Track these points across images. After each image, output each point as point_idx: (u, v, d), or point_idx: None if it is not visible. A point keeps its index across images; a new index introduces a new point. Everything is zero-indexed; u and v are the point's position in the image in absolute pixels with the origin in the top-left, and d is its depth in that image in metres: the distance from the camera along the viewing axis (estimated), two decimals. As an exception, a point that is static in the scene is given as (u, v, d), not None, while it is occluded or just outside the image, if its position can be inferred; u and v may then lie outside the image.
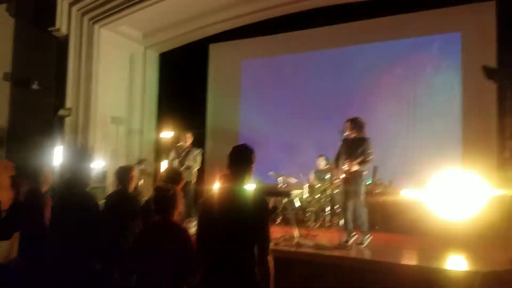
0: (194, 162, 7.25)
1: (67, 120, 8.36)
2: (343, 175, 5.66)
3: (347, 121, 5.77)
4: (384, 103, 8.21)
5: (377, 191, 7.55)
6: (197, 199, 7.29)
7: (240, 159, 2.74)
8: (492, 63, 6.67)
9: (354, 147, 5.64)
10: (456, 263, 4.97)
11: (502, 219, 5.22)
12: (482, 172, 5.82)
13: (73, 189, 3.51)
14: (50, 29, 8.56)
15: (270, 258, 2.63)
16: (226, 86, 10.19)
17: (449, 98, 7.76)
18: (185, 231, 3.03)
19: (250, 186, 2.98)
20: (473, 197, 5.68)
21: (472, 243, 5.58)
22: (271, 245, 2.73)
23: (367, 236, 5.62)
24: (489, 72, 4.88)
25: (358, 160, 5.54)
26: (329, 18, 8.60)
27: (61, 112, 7.81)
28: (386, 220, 7.08)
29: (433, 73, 7.85)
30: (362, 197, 5.64)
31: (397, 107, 8.19)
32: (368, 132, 5.78)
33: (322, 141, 8.24)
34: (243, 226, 2.59)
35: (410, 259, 5.36)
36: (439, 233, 5.93)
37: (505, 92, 4.84)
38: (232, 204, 2.64)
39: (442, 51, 7.91)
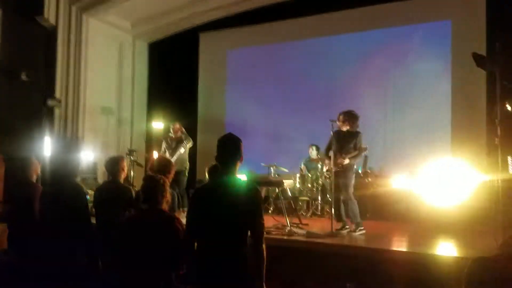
0: (184, 148, 7.22)
1: (57, 111, 8.29)
2: (335, 168, 5.68)
3: (341, 113, 5.77)
4: (374, 91, 8.23)
5: (368, 179, 7.61)
6: (188, 189, 7.30)
7: (229, 148, 2.71)
8: (482, 50, 6.70)
9: (346, 141, 5.69)
10: (446, 249, 5.04)
11: (491, 205, 5.28)
12: (471, 158, 5.88)
13: (61, 179, 3.47)
14: (38, 19, 8.43)
15: (263, 248, 2.62)
16: (216, 76, 10.14)
17: (438, 85, 7.80)
18: (173, 219, 3.03)
19: (241, 177, 2.98)
20: (462, 184, 5.74)
21: (462, 229, 5.65)
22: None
23: (361, 228, 5.66)
24: (478, 60, 4.88)
25: (351, 154, 5.60)
26: (317, 7, 8.59)
27: (50, 102, 7.72)
28: (377, 208, 7.14)
29: (423, 61, 7.85)
30: (351, 189, 5.68)
31: (386, 95, 8.21)
32: (361, 118, 5.81)
33: (310, 130, 8.29)
34: (236, 215, 2.58)
35: (401, 246, 5.42)
36: (429, 220, 6.00)
37: (494, 79, 4.85)
38: (224, 193, 2.62)
39: (433, 39, 7.93)
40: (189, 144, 7.34)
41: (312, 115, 8.49)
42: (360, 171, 7.40)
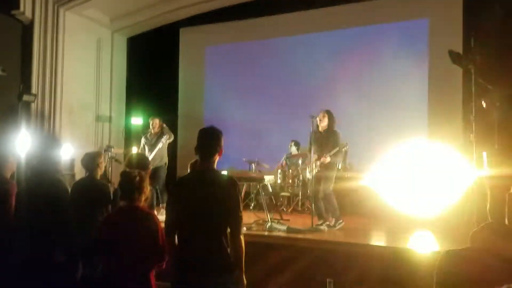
0: (162, 142, 7.16)
1: (33, 106, 8.12)
2: (317, 169, 5.75)
3: (322, 111, 5.84)
4: (352, 88, 8.29)
5: (348, 175, 7.68)
6: (168, 185, 7.25)
7: (209, 141, 2.72)
8: (459, 48, 6.82)
9: (326, 140, 5.77)
10: (420, 243, 5.16)
11: (465, 200, 5.40)
12: (448, 155, 5.99)
13: (41, 176, 3.38)
14: (13, 12, 8.23)
15: (242, 238, 2.64)
16: (196, 72, 10.08)
17: (415, 83, 7.90)
18: (151, 216, 3.01)
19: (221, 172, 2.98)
20: (437, 181, 5.85)
21: (437, 225, 5.77)
22: (243, 230, 2.74)
23: (340, 221, 5.75)
24: (454, 57, 4.98)
25: (332, 152, 5.67)
26: (295, 5, 8.61)
27: (26, 97, 7.55)
28: (356, 203, 7.22)
29: (400, 59, 7.94)
30: (331, 186, 5.77)
31: (364, 92, 8.29)
32: (339, 115, 5.89)
33: (289, 126, 8.34)
34: (214, 207, 2.59)
35: (378, 240, 5.52)
36: (405, 216, 6.10)
37: (470, 76, 4.95)
38: (203, 186, 2.63)
39: (410, 37, 8.03)
40: (170, 139, 7.27)
41: (291, 112, 8.54)
42: (339, 167, 7.47)
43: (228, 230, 2.64)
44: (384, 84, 8.11)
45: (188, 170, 3.88)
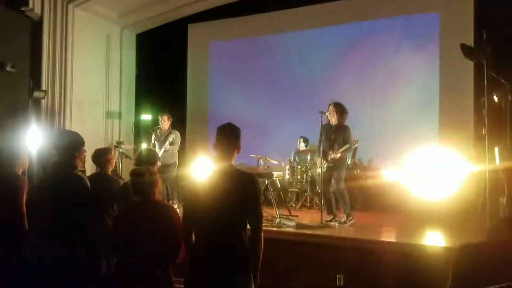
0: (173, 144, 7.18)
1: (43, 102, 8.17)
2: (327, 164, 5.72)
3: (331, 104, 5.79)
4: (362, 83, 8.26)
5: (357, 171, 7.65)
6: (178, 181, 7.26)
7: (229, 138, 2.70)
8: (470, 42, 6.74)
9: (336, 134, 5.72)
10: (434, 239, 5.10)
11: (478, 195, 5.34)
12: (459, 149, 5.94)
13: (61, 171, 3.30)
14: (23, 9, 8.27)
15: (262, 235, 2.61)
16: (204, 67, 10.08)
17: (426, 77, 7.83)
18: (170, 208, 2.99)
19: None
20: (449, 175, 5.80)
21: (450, 220, 5.70)
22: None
23: (350, 218, 5.71)
24: (466, 51, 4.91)
25: (343, 148, 5.64)
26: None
27: (36, 94, 7.60)
28: (366, 199, 7.20)
29: (410, 52, 7.88)
30: (343, 182, 5.73)
31: (374, 86, 8.23)
32: (349, 110, 5.85)
33: (297, 121, 8.32)
34: (234, 205, 2.56)
35: (389, 237, 5.47)
36: (418, 211, 6.05)
37: (482, 70, 4.88)
38: (223, 183, 2.59)
39: (421, 30, 7.94)
40: (174, 147, 7.21)
41: (298, 107, 8.52)
42: (349, 163, 7.44)
43: (248, 227, 2.62)
44: (394, 78, 8.03)
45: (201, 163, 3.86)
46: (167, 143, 7.04)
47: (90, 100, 8.88)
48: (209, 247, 2.58)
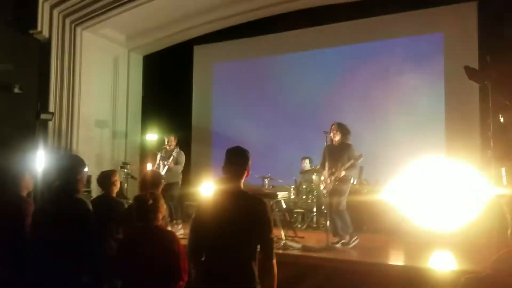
0: (178, 164, 7.17)
1: (50, 124, 8.24)
2: (332, 184, 5.69)
3: (334, 124, 5.80)
4: (367, 104, 8.27)
5: (364, 191, 7.59)
6: (182, 201, 7.24)
7: (238, 161, 2.66)
8: (474, 63, 6.77)
9: (340, 153, 5.71)
10: (440, 263, 5.01)
11: (485, 218, 5.27)
12: (466, 171, 5.88)
13: (63, 195, 3.31)
14: (31, 31, 8.43)
15: (274, 262, 2.55)
16: (209, 88, 10.17)
17: (432, 98, 7.83)
18: (171, 234, 2.98)
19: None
20: (457, 200, 5.71)
21: (456, 243, 5.62)
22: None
23: (354, 239, 5.64)
24: (470, 73, 4.92)
25: (346, 165, 5.61)
26: (316, 19, 8.64)
27: (44, 116, 7.67)
28: (372, 221, 7.11)
29: (416, 73, 7.90)
30: (345, 201, 5.68)
31: (379, 107, 8.24)
32: (353, 131, 5.85)
33: (301, 141, 8.33)
34: (244, 230, 2.49)
35: (396, 260, 5.39)
36: (424, 233, 5.97)
37: (487, 92, 4.88)
38: (232, 207, 2.53)
39: (425, 51, 7.98)
40: (178, 166, 7.21)
41: (302, 127, 8.55)
42: (355, 182, 7.39)
43: (258, 254, 2.54)
44: (400, 99, 8.05)
45: (212, 185, 3.83)
46: (171, 159, 7.02)
47: (97, 121, 8.96)
48: (217, 275, 2.50)
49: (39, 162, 6.71)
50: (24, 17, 8.41)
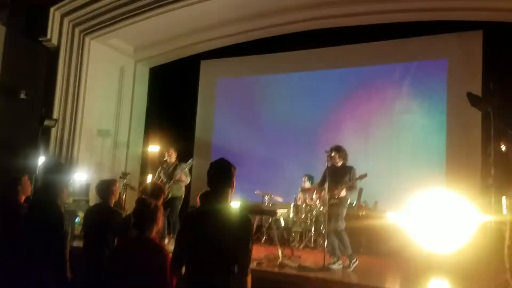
0: (186, 176, 7.15)
1: (53, 131, 8.28)
2: (331, 200, 5.67)
3: (333, 149, 5.80)
4: (366, 126, 8.30)
5: (362, 213, 7.55)
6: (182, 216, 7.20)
7: (220, 175, 2.66)
8: (478, 90, 6.80)
9: (341, 175, 5.71)
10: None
11: (484, 246, 5.22)
12: (466, 197, 5.84)
13: (42, 200, 3.37)
14: (41, 39, 8.54)
15: (248, 279, 2.55)
16: (213, 103, 10.23)
17: (434, 123, 7.85)
18: (161, 248, 2.96)
19: (234, 204, 2.91)
20: (456, 225, 5.66)
21: (455, 270, 5.56)
22: (253, 265, 2.66)
23: (354, 260, 5.58)
24: (473, 100, 4.94)
25: (346, 185, 5.61)
26: (321, 41, 8.72)
27: (47, 122, 7.71)
28: (370, 243, 7.06)
29: (419, 98, 7.95)
30: (343, 222, 5.65)
31: (381, 130, 8.26)
32: (353, 154, 5.86)
33: (301, 159, 8.33)
34: (225, 243, 2.51)
35: (394, 283, 5.33)
36: (422, 258, 5.91)
37: (489, 119, 4.89)
38: (214, 220, 2.56)
39: (429, 77, 8.03)
40: (185, 179, 7.20)
41: (303, 145, 8.58)
42: (354, 204, 7.35)
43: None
44: (402, 123, 8.08)
45: (198, 201, 3.85)
46: (181, 174, 6.97)
47: (100, 130, 9.00)
48: (198, 285, 2.52)
49: (39, 167, 6.70)
50: (35, 24, 8.53)
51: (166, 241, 6.36)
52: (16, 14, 8.77)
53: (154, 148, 9.19)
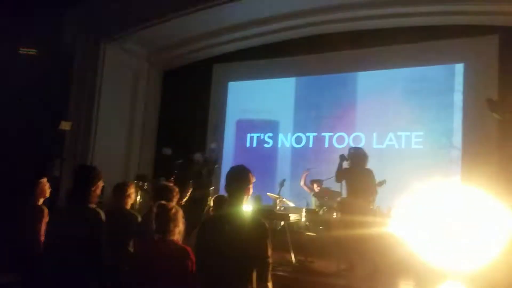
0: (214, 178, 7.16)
1: (68, 134, 8.36)
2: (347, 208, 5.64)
3: (351, 149, 5.78)
4: (383, 128, 8.26)
5: (376, 218, 7.46)
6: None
7: (238, 180, 2.69)
8: (494, 93, 6.74)
9: (360, 180, 5.63)
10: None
11: (504, 255, 5.10)
12: (482, 205, 5.75)
13: (76, 204, 3.34)
14: (56, 42, 8.64)
15: (270, 285, 2.54)
16: (225, 107, 10.24)
17: (449, 126, 7.78)
18: (186, 250, 2.96)
19: (247, 207, 2.92)
20: (473, 233, 5.55)
21: (471, 279, 5.46)
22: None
23: (368, 268, 5.53)
24: (492, 106, 4.89)
25: (373, 196, 5.56)
26: (335, 45, 8.71)
27: (63, 125, 7.79)
28: (384, 249, 6.97)
29: (435, 102, 7.88)
30: (358, 228, 5.60)
31: (396, 136, 8.20)
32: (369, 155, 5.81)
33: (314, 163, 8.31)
34: (241, 250, 2.51)
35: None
36: (436, 267, 5.83)
37: (506, 124, 4.84)
38: (230, 227, 2.57)
39: (445, 80, 7.97)
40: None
41: (316, 149, 8.55)
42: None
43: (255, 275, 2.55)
44: (418, 127, 8.02)
45: (211, 204, 3.84)
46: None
47: (114, 133, 9.07)
48: None
49: (56, 170, 6.78)
50: (51, 27, 8.63)
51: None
52: (33, 18, 8.87)
53: (167, 151, 9.23)
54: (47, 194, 4.11)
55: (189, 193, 5.82)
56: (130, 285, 2.98)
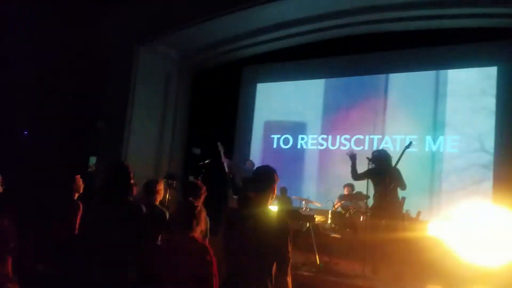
0: None
1: (103, 133, 8.66)
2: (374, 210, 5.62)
3: (375, 152, 5.76)
4: (414, 135, 8.14)
5: (404, 223, 7.37)
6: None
7: (263, 180, 2.78)
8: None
9: (386, 178, 5.60)
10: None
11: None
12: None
13: (116, 198, 3.42)
14: (92, 44, 8.95)
15: (288, 279, 2.60)
16: (253, 108, 10.35)
17: (482, 130, 7.62)
18: (206, 248, 3.03)
19: (273, 207, 2.98)
20: (503, 239, 5.44)
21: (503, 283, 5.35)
22: (292, 269, 2.70)
23: (391, 269, 5.50)
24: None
25: (392, 189, 5.52)
26: (366, 46, 8.68)
27: (98, 124, 8.08)
28: (412, 253, 6.89)
29: (467, 106, 7.73)
30: (392, 231, 5.58)
31: (427, 139, 8.09)
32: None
33: (341, 166, 8.27)
34: (263, 247, 2.59)
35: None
36: (464, 271, 5.73)
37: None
38: (254, 224, 2.65)
39: (478, 84, 7.80)
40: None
41: (343, 152, 8.55)
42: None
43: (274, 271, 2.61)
44: (449, 130, 7.89)
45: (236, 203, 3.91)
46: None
47: (146, 133, 9.31)
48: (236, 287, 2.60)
49: (91, 166, 7.03)
50: (85, 29, 8.96)
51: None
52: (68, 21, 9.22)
53: (196, 151, 9.40)
54: (81, 190, 4.29)
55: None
56: (152, 277, 3.05)
